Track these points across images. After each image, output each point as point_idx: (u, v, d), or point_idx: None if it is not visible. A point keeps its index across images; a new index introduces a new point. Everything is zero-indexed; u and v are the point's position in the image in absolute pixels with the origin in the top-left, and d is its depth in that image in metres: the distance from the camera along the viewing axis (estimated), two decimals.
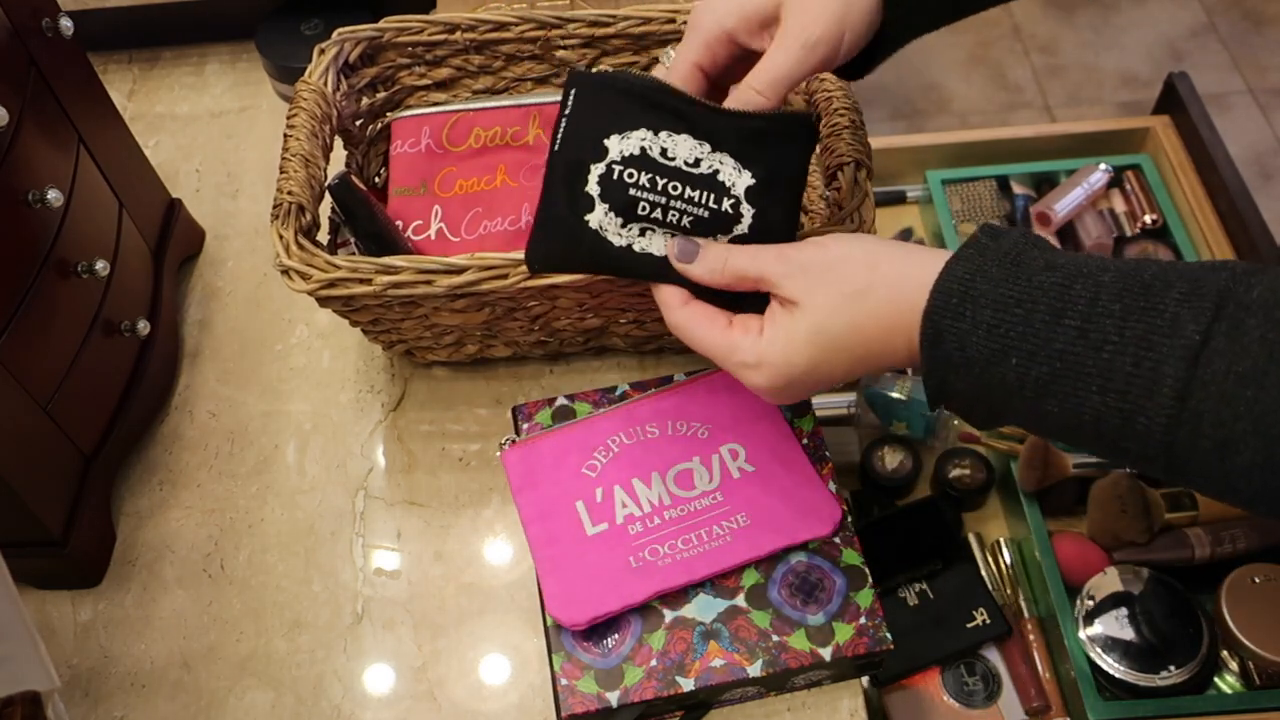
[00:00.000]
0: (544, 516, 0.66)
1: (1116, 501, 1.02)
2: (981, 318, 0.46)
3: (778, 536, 0.64)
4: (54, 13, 0.67)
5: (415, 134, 0.78)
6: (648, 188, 0.55)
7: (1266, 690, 0.95)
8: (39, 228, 0.64)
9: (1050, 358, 0.44)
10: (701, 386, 0.71)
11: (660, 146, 0.54)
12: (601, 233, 0.56)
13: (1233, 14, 2.12)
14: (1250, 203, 1.19)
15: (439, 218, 0.76)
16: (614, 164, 0.55)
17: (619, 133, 0.55)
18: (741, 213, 0.55)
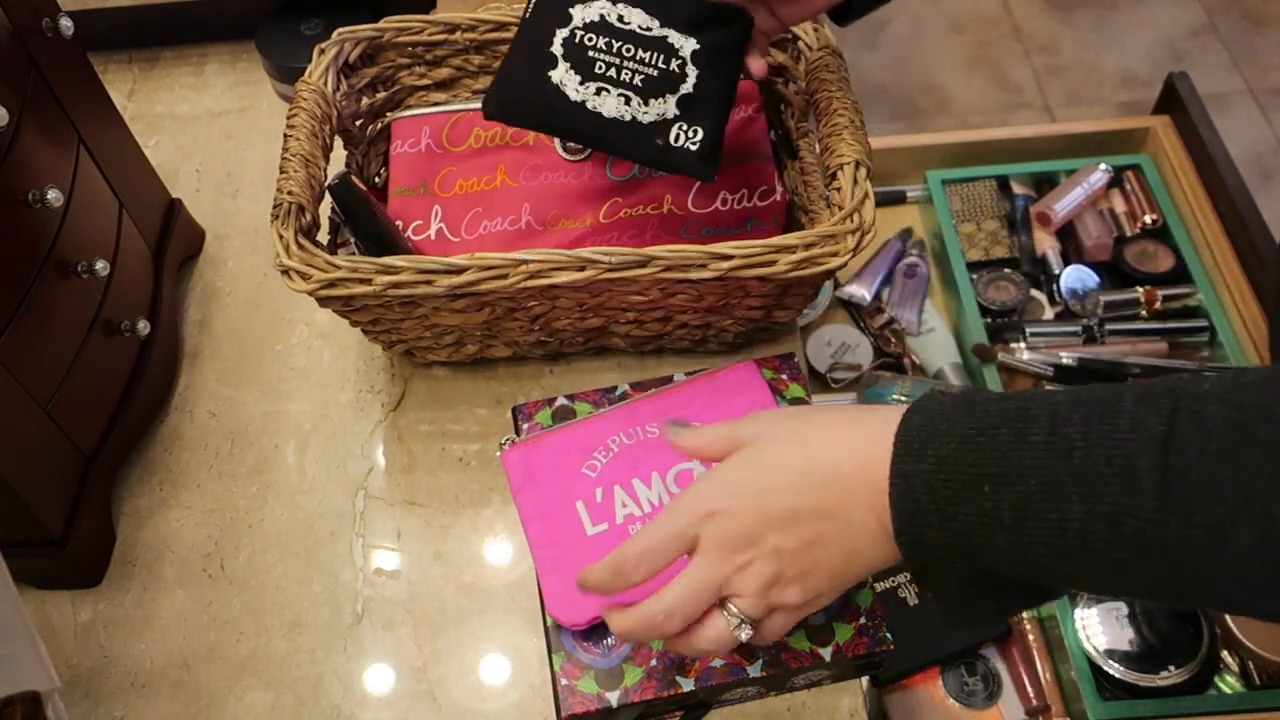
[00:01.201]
0: (544, 516, 0.66)
1: None
2: (946, 453, 0.46)
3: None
4: (54, 13, 0.67)
5: (415, 134, 0.78)
6: (604, 50, 0.63)
7: (1266, 690, 0.95)
8: (39, 228, 0.64)
9: (1023, 475, 0.44)
10: (702, 386, 0.71)
11: (617, 14, 0.63)
12: (561, 87, 0.63)
13: (1233, 14, 2.13)
14: (1250, 203, 1.19)
15: (439, 218, 0.76)
16: (577, 29, 0.63)
17: (582, 2, 0.64)
18: (686, 73, 0.63)
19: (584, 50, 0.63)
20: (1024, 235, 1.29)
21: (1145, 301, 1.19)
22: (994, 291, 1.23)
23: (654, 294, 0.69)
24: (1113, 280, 1.25)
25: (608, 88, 0.63)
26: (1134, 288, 1.21)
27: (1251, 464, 0.39)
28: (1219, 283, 1.19)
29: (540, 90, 0.63)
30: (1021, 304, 1.23)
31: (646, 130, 0.63)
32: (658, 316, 0.73)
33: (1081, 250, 1.27)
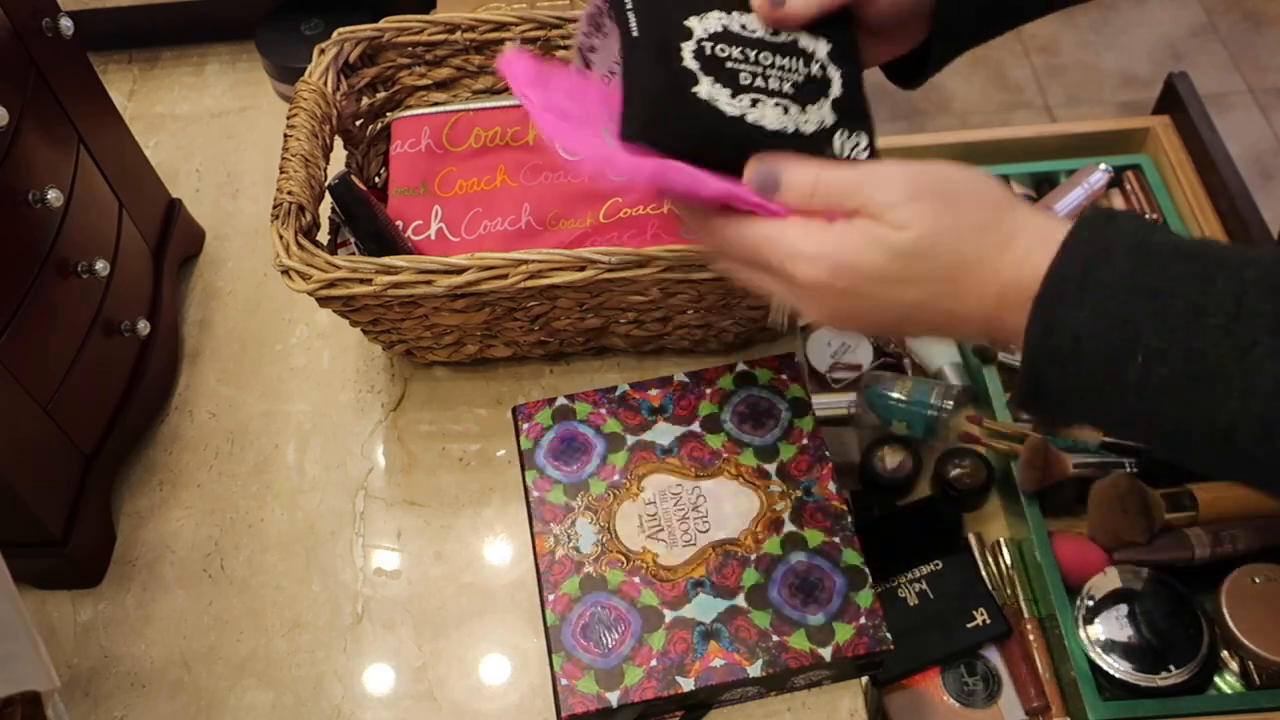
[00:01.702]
0: (563, 114, 0.54)
1: (1117, 501, 1.02)
2: (1107, 309, 0.40)
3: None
4: (54, 13, 0.67)
5: (415, 134, 0.78)
6: (741, 60, 0.52)
7: (1266, 690, 0.95)
8: (39, 228, 0.64)
9: (1187, 357, 0.39)
10: None
11: (740, 22, 0.53)
12: (713, 103, 0.51)
13: (1233, 14, 2.12)
14: (1250, 203, 1.19)
15: (439, 218, 0.76)
16: (703, 41, 0.52)
17: (696, 14, 0.52)
18: (829, 75, 0.53)
19: (721, 62, 0.52)
20: None
21: None
22: None
23: (654, 294, 0.69)
24: None
25: (762, 97, 0.52)
26: None
27: None
28: None
29: (690, 109, 0.51)
30: None
31: (810, 143, 0.53)
32: (658, 316, 0.73)
33: None
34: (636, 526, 0.67)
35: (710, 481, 0.69)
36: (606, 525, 0.67)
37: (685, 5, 0.53)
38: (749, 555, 0.66)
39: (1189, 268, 0.40)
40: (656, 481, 0.69)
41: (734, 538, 0.66)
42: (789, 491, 0.68)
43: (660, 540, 0.66)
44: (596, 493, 0.69)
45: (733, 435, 0.70)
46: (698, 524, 0.67)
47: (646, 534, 0.67)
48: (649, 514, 0.67)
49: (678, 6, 0.53)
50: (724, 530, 0.67)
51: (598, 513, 0.68)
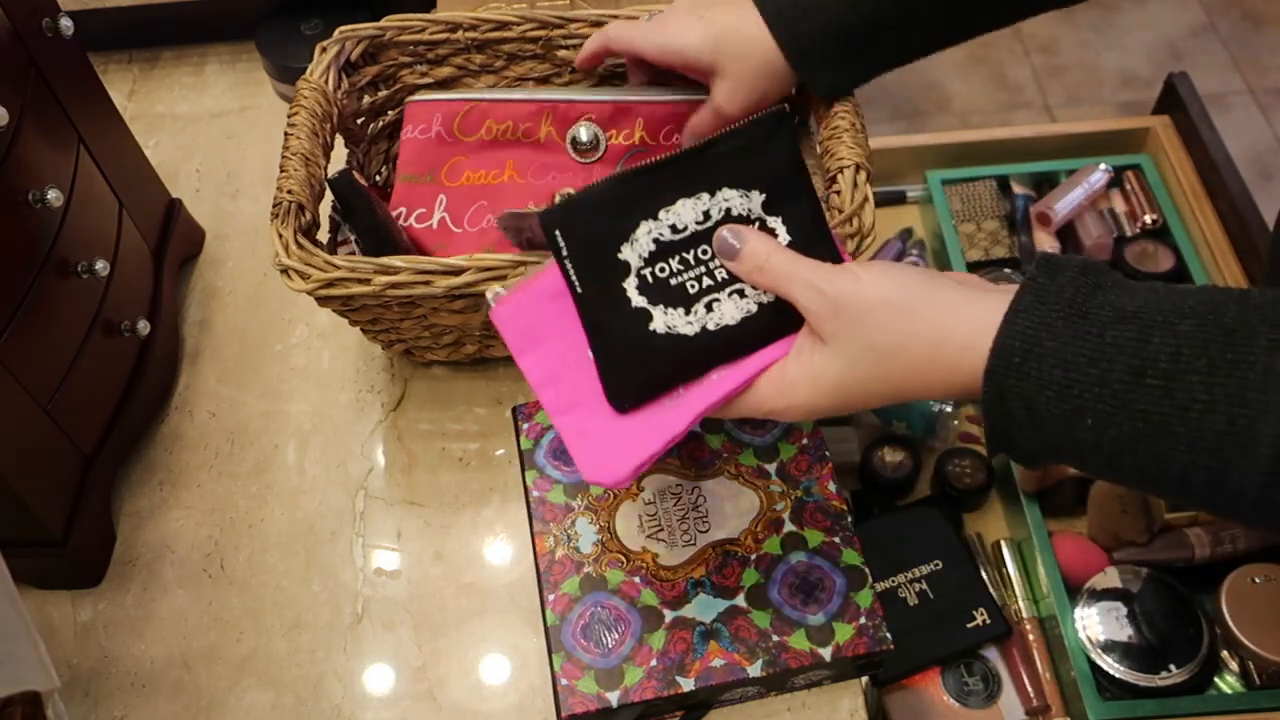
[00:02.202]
0: (555, 378, 0.57)
1: (1116, 501, 1.01)
2: (1050, 377, 0.43)
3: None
4: (54, 13, 0.67)
5: (427, 119, 0.77)
6: (682, 267, 0.54)
7: (1267, 690, 0.95)
8: (39, 228, 0.64)
9: (1131, 419, 0.42)
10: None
11: (668, 225, 0.54)
12: (672, 331, 0.54)
13: (1233, 14, 2.12)
14: (1250, 203, 1.19)
15: (443, 207, 0.75)
16: (641, 270, 0.54)
17: (625, 241, 0.54)
18: (773, 228, 0.54)
19: (664, 283, 0.54)
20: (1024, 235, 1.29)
21: None
22: None
23: None
24: None
25: (716, 296, 0.54)
26: None
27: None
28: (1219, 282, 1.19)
29: (654, 353, 0.54)
30: None
31: (773, 308, 0.54)
32: None
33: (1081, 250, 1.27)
34: (636, 526, 0.67)
35: (710, 481, 0.69)
36: (606, 525, 0.67)
37: (612, 232, 0.54)
38: (749, 555, 0.66)
39: (1125, 330, 0.43)
40: (656, 481, 0.69)
41: (734, 538, 0.66)
42: (789, 491, 0.68)
43: (660, 540, 0.66)
44: (596, 493, 0.69)
45: (732, 435, 0.70)
46: (698, 524, 0.67)
47: (646, 534, 0.67)
48: (649, 514, 0.67)
49: (607, 236, 0.54)
50: (724, 530, 0.67)
51: (598, 513, 0.68)
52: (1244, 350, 0.40)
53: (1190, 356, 0.41)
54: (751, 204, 0.54)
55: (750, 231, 0.53)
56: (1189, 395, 0.41)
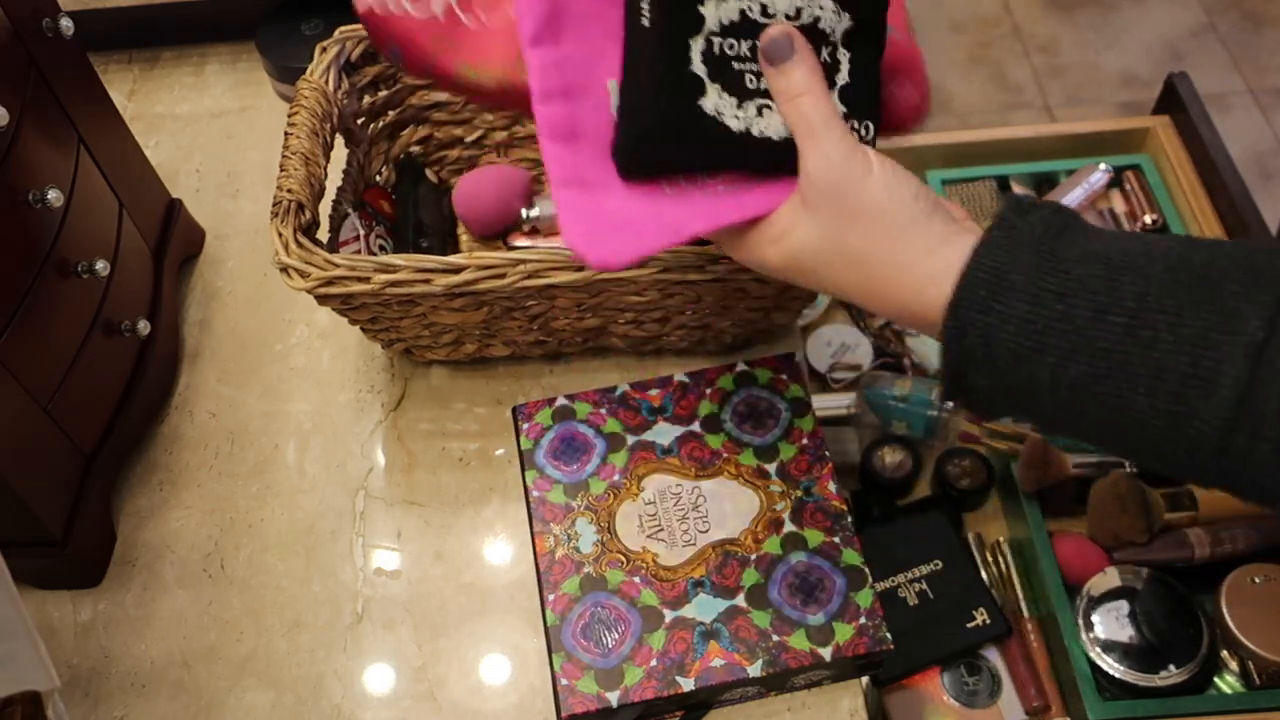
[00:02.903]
0: (561, 92, 0.50)
1: (1116, 501, 1.02)
2: (1014, 312, 0.42)
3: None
4: (54, 13, 0.67)
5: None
6: (750, 57, 0.49)
7: (1266, 690, 0.95)
8: (39, 228, 0.64)
9: (1092, 357, 0.41)
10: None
11: (760, 3, 0.49)
12: (719, 117, 0.49)
13: (1233, 14, 2.12)
14: (1250, 203, 1.19)
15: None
16: (713, 35, 0.48)
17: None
18: (839, 60, 0.51)
19: (728, 63, 0.49)
20: None
21: None
22: None
23: (652, 295, 0.69)
24: None
25: (769, 104, 0.50)
26: None
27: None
28: None
29: (694, 128, 0.49)
30: None
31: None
32: (656, 317, 0.73)
33: None
34: (636, 526, 0.67)
35: (710, 481, 0.69)
36: (606, 525, 0.67)
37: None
38: (749, 555, 0.66)
39: (1093, 269, 0.42)
40: (656, 481, 0.69)
41: (734, 538, 0.66)
42: (789, 491, 0.68)
43: (660, 540, 0.66)
44: (596, 493, 0.69)
45: (733, 435, 0.70)
46: (698, 524, 0.67)
47: (646, 534, 0.67)
48: (649, 514, 0.67)
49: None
50: (724, 530, 0.67)
51: (598, 513, 0.68)
52: (1212, 294, 0.39)
53: (1157, 297, 0.40)
54: (839, 25, 0.50)
55: (810, 53, 0.49)
56: (1153, 335, 0.40)
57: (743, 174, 0.51)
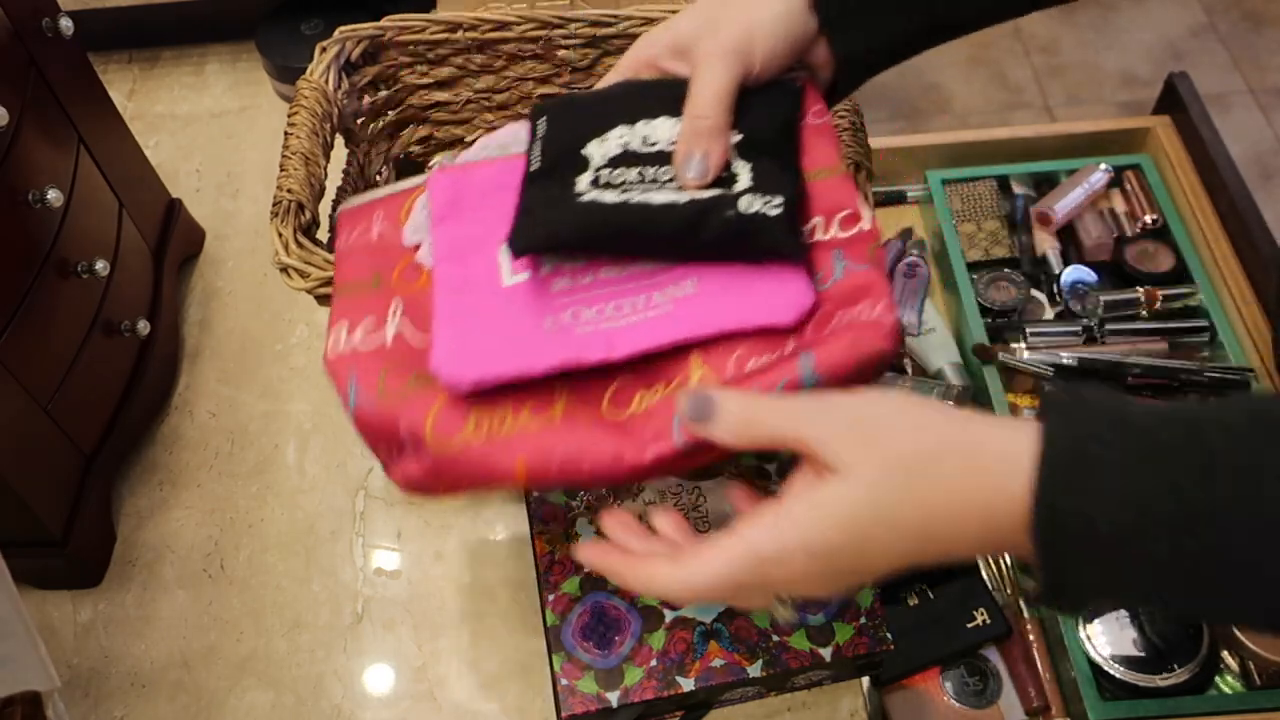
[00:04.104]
0: (458, 256, 0.53)
1: None
2: (1112, 486, 0.37)
3: (726, 314, 0.49)
4: (54, 13, 0.67)
5: (365, 220, 0.60)
6: (637, 180, 0.51)
7: (1267, 690, 0.95)
8: (39, 228, 0.64)
9: (1210, 518, 0.36)
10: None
11: (641, 135, 0.52)
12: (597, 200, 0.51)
13: (1233, 14, 2.13)
14: (1250, 203, 1.19)
15: (397, 314, 0.55)
16: (600, 169, 0.52)
17: (597, 136, 0.52)
18: (736, 170, 0.51)
19: (614, 187, 0.51)
20: (1024, 235, 1.29)
21: (1146, 301, 1.19)
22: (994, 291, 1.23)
23: None
24: (1113, 280, 1.25)
25: (652, 189, 0.51)
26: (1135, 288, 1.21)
27: None
28: (1219, 283, 1.19)
29: (569, 207, 0.51)
30: (1021, 304, 1.23)
31: (710, 204, 0.49)
32: None
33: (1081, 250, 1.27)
34: None
35: (710, 481, 0.69)
36: None
37: (591, 125, 0.53)
38: None
39: (1173, 431, 0.38)
40: (656, 481, 0.69)
41: None
42: None
43: None
44: (596, 492, 0.69)
45: None
46: (698, 524, 0.67)
47: None
48: None
49: (585, 128, 0.53)
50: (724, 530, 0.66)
51: (598, 513, 0.68)
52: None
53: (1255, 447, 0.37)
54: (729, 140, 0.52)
55: (717, 392, 0.45)
56: (1275, 489, 0.36)
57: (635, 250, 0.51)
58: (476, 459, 0.49)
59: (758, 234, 0.49)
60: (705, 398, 0.45)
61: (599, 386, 0.50)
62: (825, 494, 0.41)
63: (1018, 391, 1.16)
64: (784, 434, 0.43)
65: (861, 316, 0.49)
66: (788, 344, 0.49)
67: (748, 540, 0.42)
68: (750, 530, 0.42)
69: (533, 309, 0.51)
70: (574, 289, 0.52)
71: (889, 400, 0.43)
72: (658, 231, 0.50)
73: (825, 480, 0.41)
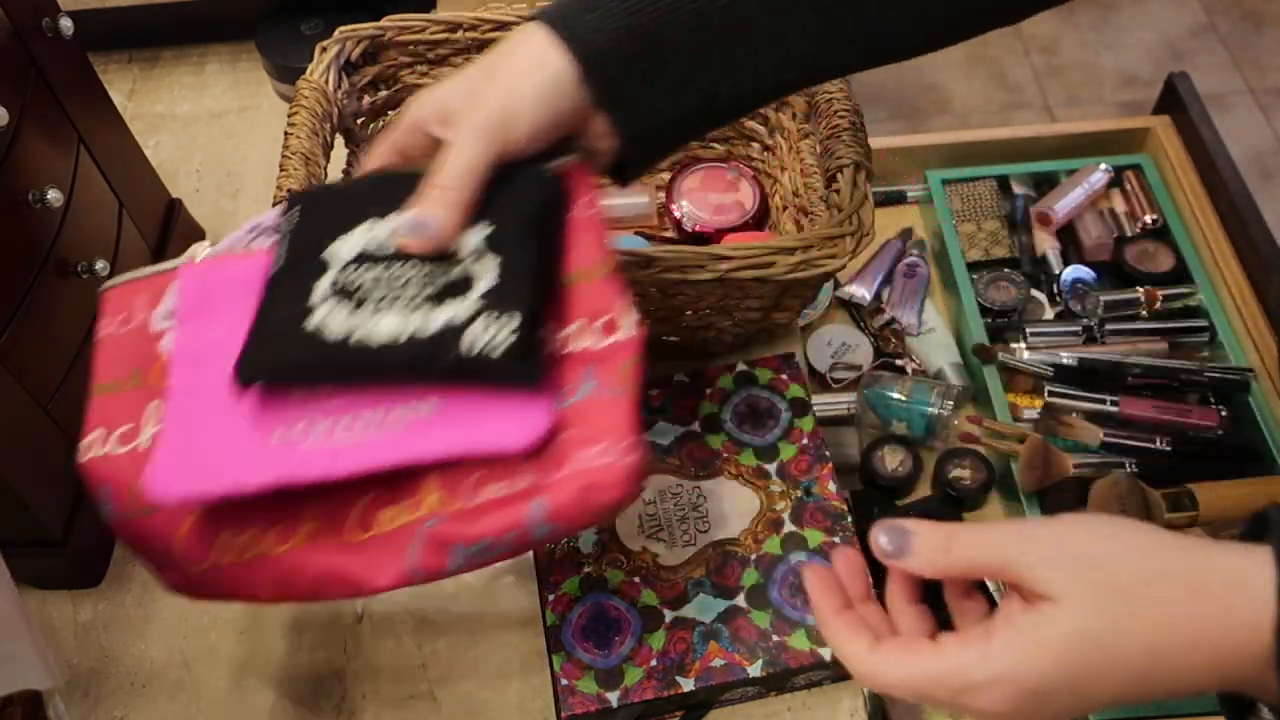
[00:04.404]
0: (197, 359, 0.52)
1: (1116, 502, 1.01)
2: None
3: (458, 438, 0.48)
4: (54, 13, 0.67)
5: (127, 308, 0.56)
6: (374, 283, 0.50)
7: None
8: (39, 228, 0.64)
9: None
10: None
11: (387, 230, 0.51)
12: (319, 333, 0.49)
13: (1233, 14, 2.13)
14: (1250, 203, 1.19)
15: (156, 419, 0.52)
16: (340, 272, 0.50)
17: (341, 235, 0.51)
18: (475, 271, 0.49)
19: (351, 290, 0.50)
20: (1024, 235, 1.29)
21: (1146, 301, 1.19)
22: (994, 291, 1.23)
23: (653, 295, 0.69)
24: (1113, 280, 1.25)
25: (382, 310, 0.49)
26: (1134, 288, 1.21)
27: None
28: (1219, 282, 1.19)
29: (298, 341, 0.49)
30: (1021, 304, 1.23)
31: (431, 344, 0.48)
32: (657, 318, 0.73)
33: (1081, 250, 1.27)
34: (636, 526, 0.67)
35: (710, 481, 0.69)
36: (606, 525, 0.67)
37: (337, 223, 0.52)
38: (749, 555, 0.66)
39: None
40: (656, 481, 0.69)
41: (734, 538, 0.66)
42: (789, 491, 0.68)
43: (660, 540, 0.66)
44: None
45: (733, 435, 0.70)
46: (698, 524, 0.67)
47: (646, 534, 0.67)
48: (649, 514, 0.67)
49: (331, 225, 0.52)
50: (724, 530, 0.67)
51: None
52: None
53: None
54: (474, 234, 0.50)
55: (911, 524, 0.44)
56: None
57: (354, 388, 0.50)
58: (226, 580, 0.50)
59: (485, 373, 0.47)
60: (901, 531, 0.43)
61: (347, 503, 0.50)
62: (1038, 619, 0.38)
63: (1018, 392, 1.16)
64: (988, 563, 0.41)
65: (597, 461, 0.47)
66: (523, 474, 0.48)
67: (954, 662, 0.40)
68: (959, 651, 0.40)
69: (264, 420, 0.50)
70: (312, 399, 0.50)
71: (1102, 524, 0.40)
72: (380, 376, 0.49)
73: (1038, 608, 0.38)
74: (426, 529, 0.48)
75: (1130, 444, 1.06)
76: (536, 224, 0.51)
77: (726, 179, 0.85)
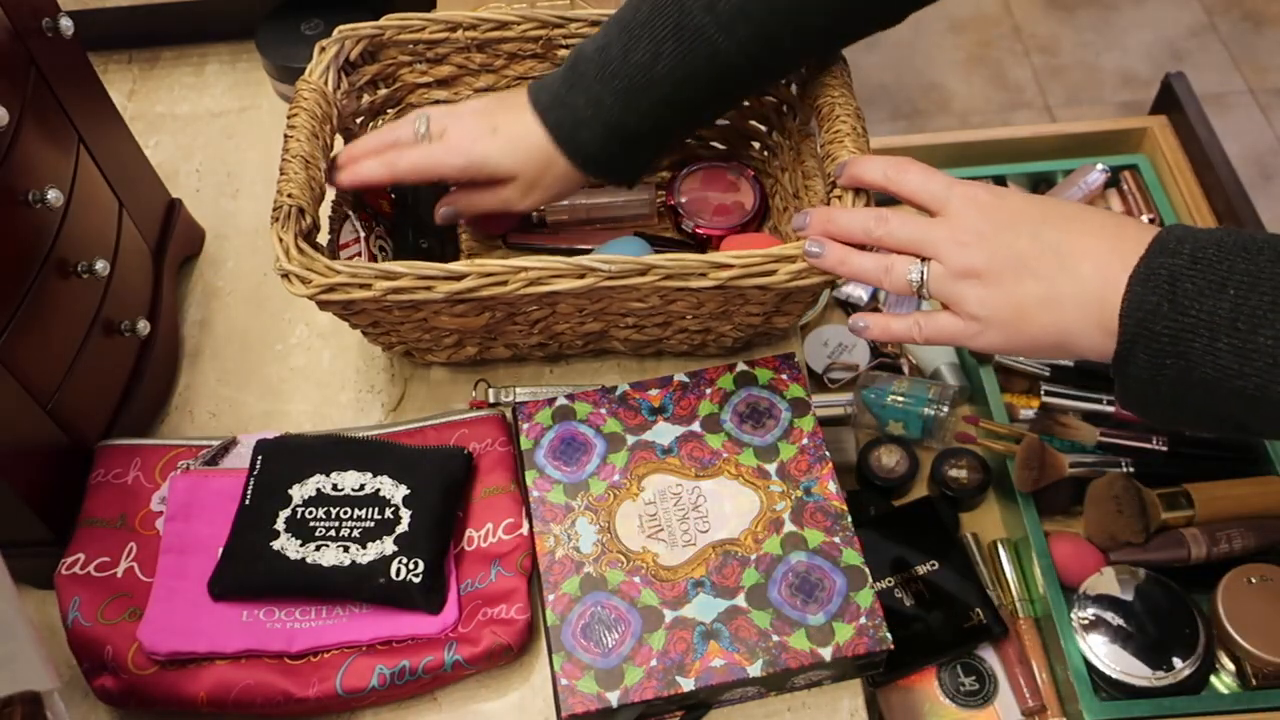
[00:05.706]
0: (184, 551, 0.67)
1: (1113, 501, 1.02)
2: (1203, 255, 0.49)
3: (387, 626, 0.65)
4: (54, 13, 0.67)
5: (124, 465, 0.70)
6: (324, 518, 0.67)
7: (1263, 690, 0.95)
8: (39, 228, 0.64)
9: (1276, 286, 0.47)
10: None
11: (331, 483, 0.68)
12: (282, 552, 0.65)
13: (1233, 14, 2.13)
14: (1247, 203, 1.19)
15: (131, 555, 0.67)
16: (297, 507, 0.67)
17: (299, 481, 0.68)
18: (400, 516, 0.67)
19: (305, 523, 0.66)
20: None
21: None
22: None
23: (653, 301, 0.69)
24: None
25: (328, 544, 0.65)
26: None
27: None
28: None
29: (262, 559, 0.65)
30: None
31: (367, 569, 0.65)
32: (657, 322, 0.73)
33: None
34: (636, 526, 0.67)
35: (710, 481, 0.69)
36: (606, 525, 0.67)
37: (296, 471, 0.68)
38: (749, 555, 0.66)
39: (1273, 240, 0.50)
40: (656, 481, 0.69)
41: (734, 538, 0.66)
42: (789, 491, 0.68)
43: (660, 540, 0.67)
44: (596, 493, 0.69)
45: (733, 435, 0.71)
46: (698, 524, 0.67)
47: (646, 534, 0.67)
48: (649, 514, 0.68)
49: (291, 472, 0.68)
50: (724, 530, 0.67)
51: (598, 513, 0.68)
52: None
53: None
54: (397, 492, 0.68)
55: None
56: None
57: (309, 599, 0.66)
58: (167, 686, 0.63)
59: (402, 597, 0.65)
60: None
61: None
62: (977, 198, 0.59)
63: (1014, 392, 1.16)
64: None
65: (501, 615, 0.65)
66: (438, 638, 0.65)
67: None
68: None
69: (235, 604, 0.66)
70: (274, 599, 0.66)
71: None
72: (327, 591, 0.65)
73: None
74: (354, 657, 0.64)
75: (1127, 444, 1.06)
76: (444, 492, 0.68)
77: (727, 179, 0.85)
